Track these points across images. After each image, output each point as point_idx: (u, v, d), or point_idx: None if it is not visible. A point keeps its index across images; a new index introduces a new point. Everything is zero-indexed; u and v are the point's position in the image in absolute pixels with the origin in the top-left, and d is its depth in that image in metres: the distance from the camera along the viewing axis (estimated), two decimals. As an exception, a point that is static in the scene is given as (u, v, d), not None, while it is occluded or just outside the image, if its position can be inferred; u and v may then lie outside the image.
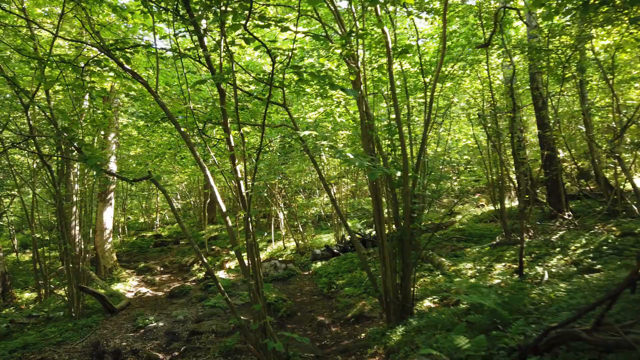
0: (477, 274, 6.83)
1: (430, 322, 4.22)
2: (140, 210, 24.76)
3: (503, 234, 9.00)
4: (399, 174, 3.38)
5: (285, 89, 4.93)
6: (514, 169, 11.26)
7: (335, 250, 10.66)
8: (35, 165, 8.89)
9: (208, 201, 17.41)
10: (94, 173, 3.93)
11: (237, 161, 4.31)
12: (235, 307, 7.90)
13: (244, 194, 4.28)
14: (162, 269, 12.66)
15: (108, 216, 11.65)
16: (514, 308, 3.61)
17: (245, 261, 4.38)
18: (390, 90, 5.06)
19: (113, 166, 11.55)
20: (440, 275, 7.22)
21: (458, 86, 11.11)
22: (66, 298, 8.09)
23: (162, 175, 18.19)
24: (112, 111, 8.20)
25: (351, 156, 3.34)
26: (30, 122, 6.62)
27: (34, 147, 7.11)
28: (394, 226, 5.57)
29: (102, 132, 9.92)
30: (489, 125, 9.77)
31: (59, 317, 8.12)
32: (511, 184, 12.67)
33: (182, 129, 4.29)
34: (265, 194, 13.38)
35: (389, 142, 5.39)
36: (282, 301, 7.61)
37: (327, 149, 6.94)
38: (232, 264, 11.88)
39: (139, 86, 5.86)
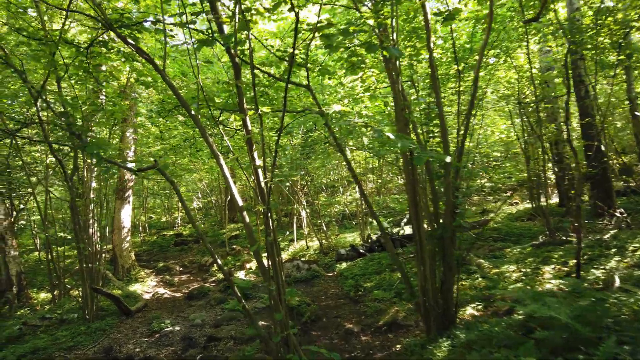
0: (523, 278, 6.11)
1: (482, 336, 3.57)
2: (162, 210, 24.62)
3: (546, 233, 8.21)
4: (448, 159, 2.79)
5: (309, 71, 4.37)
6: (551, 164, 10.42)
7: (361, 250, 10.04)
8: (48, 161, 8.56)
9: (229, 199, 17.00)
10: (100, 164, 3.47)
11: (254, 147, 3.76)
12: (255, 312, 7.39)
13: (262, 184, 3.72)
14: (181, 268, 12.28)
15: (126, 214, 11.33)
16: (592, 322, 2.94)
17: (265, 262, 3.83)
18: (429, 67, 4.42)
19: (131, 164, 11.25)
20: (480, 279, 6.53)
21: (492, 76, 10.36)
22: (80, 300, 7.72)
23: (184, 174, 17.90)
24: (127, 103, 7.77)
25: (392, 137, 2.74)
26: (40, 113, 6.23)
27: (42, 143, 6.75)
28: (426, 226, 4.93)
29: (117, 127, 9.56)
30: (524, 117, 9.01)
31: (72, 320, 7.77)
32: (549, 180, 11.82)
33: (193, 112, 3.77)
34: (287, 189, 12.87)
35: (426, 129, 4.75)
36: (306, 305, 7.04)
37: (362, 128, 6.32)
38: (253, 264, 11.39)
39: (151, 69, 5.37)
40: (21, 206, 10.34)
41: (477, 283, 6.36)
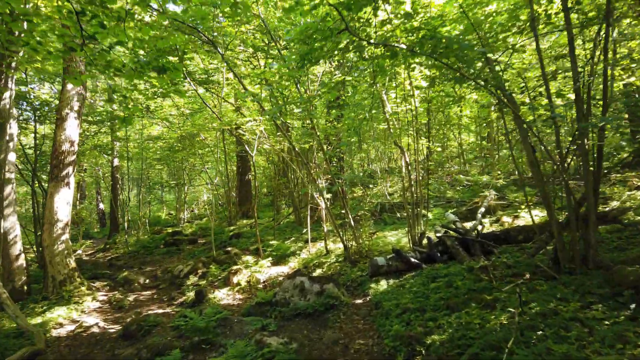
0: None
1: None
2: (179, 205, 21.38)
3: None
4: None
5: None
6: None
7: (413, 260, 5.90)
8: None
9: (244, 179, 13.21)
10: None
11: None
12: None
13: None
14: (147, 281, 8.58)
15: (63, 202, 7.75)
16: None
17: None
18: None
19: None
20: None
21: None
22: None
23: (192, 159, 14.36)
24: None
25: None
26: None
27: None
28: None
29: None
30: None
31: None
32: None
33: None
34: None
35: None
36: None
37: None
38: (243, 277, 7.52)
39: None
40: None
41: None
